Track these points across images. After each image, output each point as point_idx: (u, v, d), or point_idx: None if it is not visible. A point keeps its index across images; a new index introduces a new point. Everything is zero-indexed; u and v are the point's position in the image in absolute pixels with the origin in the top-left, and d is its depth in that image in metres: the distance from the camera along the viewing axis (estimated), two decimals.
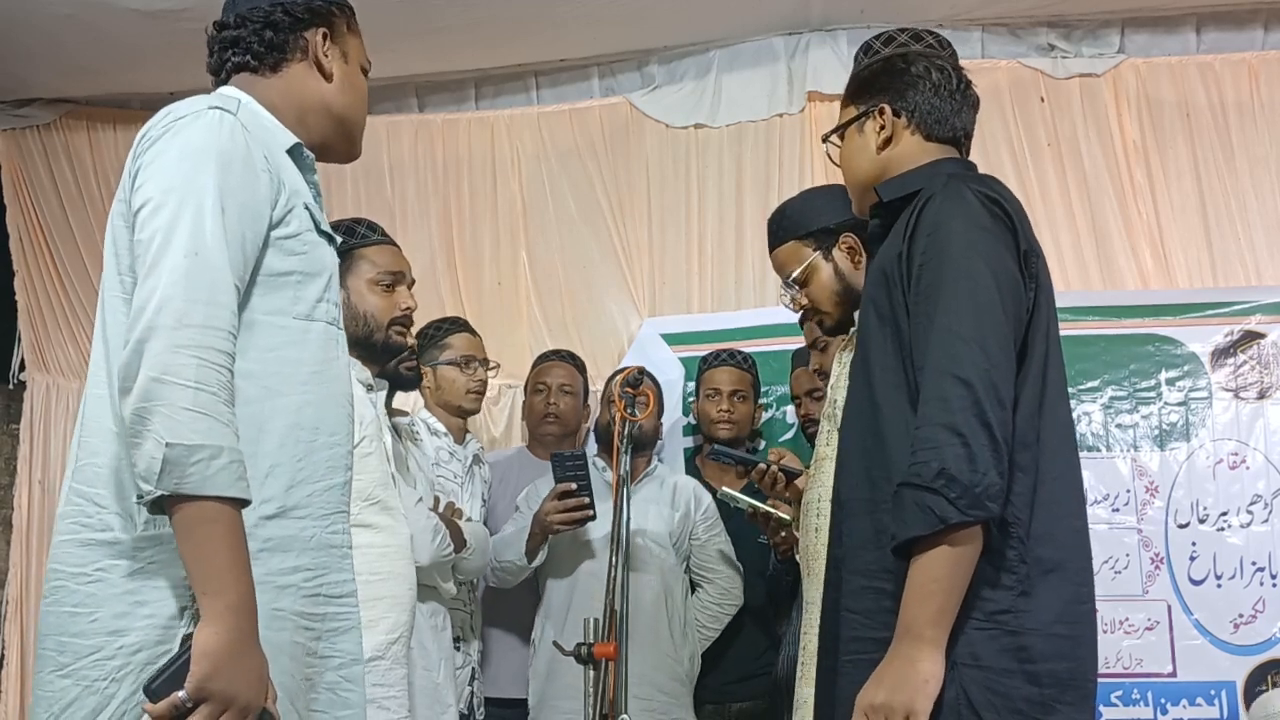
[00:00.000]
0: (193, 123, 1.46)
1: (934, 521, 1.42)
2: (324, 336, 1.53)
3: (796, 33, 3.96)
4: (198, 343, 1.33)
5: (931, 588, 1.44)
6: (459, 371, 3.11)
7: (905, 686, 1.43)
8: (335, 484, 1.53)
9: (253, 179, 1.46)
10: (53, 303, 4.21)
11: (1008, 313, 1.52)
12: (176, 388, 1.31)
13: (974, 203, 1.57)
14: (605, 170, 4.07)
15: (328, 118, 1.65)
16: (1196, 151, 3.77)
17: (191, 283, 1.35)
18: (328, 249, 1.58)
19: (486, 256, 4.10)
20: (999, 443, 1.44)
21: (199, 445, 1.30)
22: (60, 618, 1.40)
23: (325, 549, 1.50)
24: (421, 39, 3.72)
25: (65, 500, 1.45)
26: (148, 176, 1.43)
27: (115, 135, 4.21)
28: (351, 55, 1.69)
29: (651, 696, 2.91)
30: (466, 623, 2.96)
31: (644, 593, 2.97)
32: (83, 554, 1.40)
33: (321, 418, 1.51)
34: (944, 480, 1.42)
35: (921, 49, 1.84)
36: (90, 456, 1.44)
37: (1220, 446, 3.31)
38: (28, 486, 4.11)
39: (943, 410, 1.45)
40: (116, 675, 1.35)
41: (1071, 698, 1.50)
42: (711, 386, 3.35)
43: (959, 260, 1.53)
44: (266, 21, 1.62)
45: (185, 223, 1.38)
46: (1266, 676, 3.14)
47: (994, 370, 1.47)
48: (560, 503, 2.91)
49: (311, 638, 1.49)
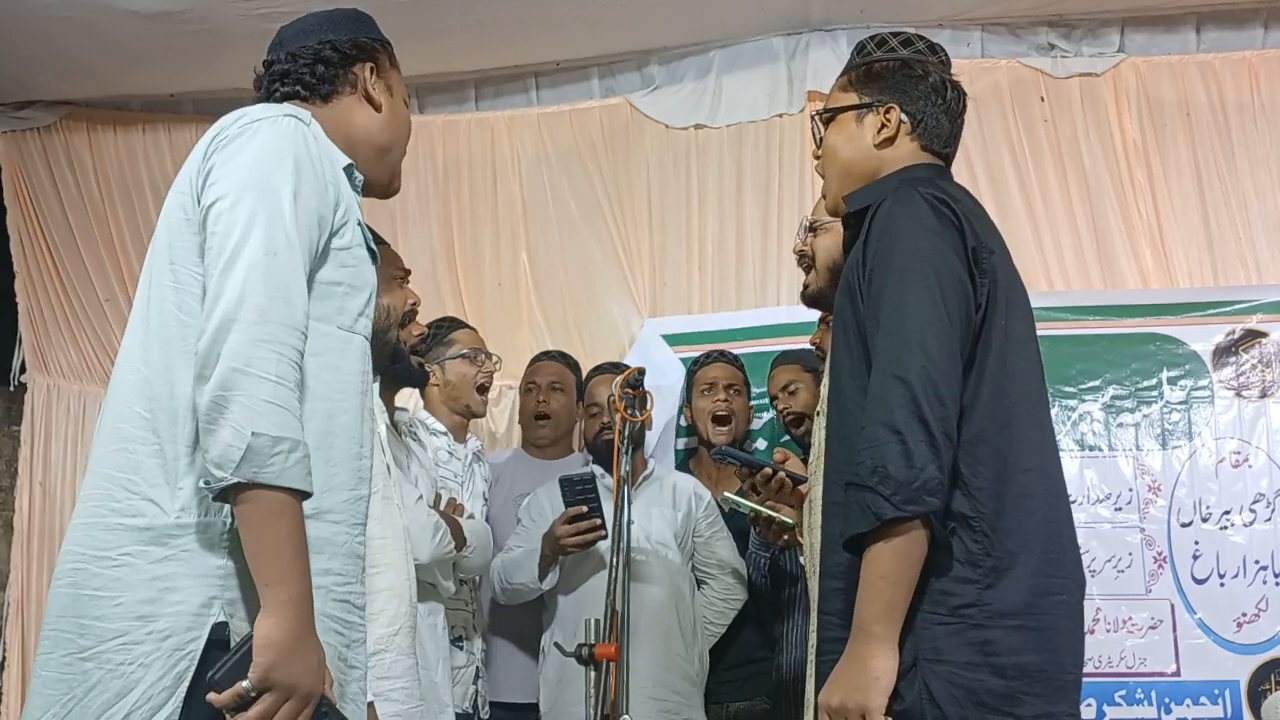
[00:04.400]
0: (270, 126, 1.49)
1: (871, 519, 1.46)
2: (361, 350, 1.57)
3: (796, 33, 3.97)
4: (277, 338, 1.36)
5: (878, 584, 1.48)
6: (469, 364, 3.11)
7: (859, 686, 1.46)
8: (361, 495, 1.55)
9: (321, 187, 1.50)
10: (53, 305, 4.21)
11: (951, 312, 1.54)
12: (257, 379, 1.33)
13: (920, 205, 1.60)
14: (605, 171, 4.07)
15: (374, 148, 1.70)
16: (1196, 151, 3.77)
17: (270, 280, 1.38)
18: (371, 266, 1.61)
19: (487, 258, 4.10)
20: (937, 438, 1.47)
21: (281, 437, 1.33)
22: (79, 600, 1.40)
23: (353, 558, 1.53)
24: (421, 40, 3.72)
25: (89, 484, 1.45)
26: (224, 173, 1.45)
27: (115, 137, 4.21)
28: (395, 89, 1.74)
29: (665, 697, 2.92)
30: (469, 621, 2.96)
31: (655, 595, 2.97)
32: (108, 538, 1.40)
33: (351, 428, 1.53)
34: (878, 478, 1.46)
35: (936, 61, 1.85)
36: (120, 442, 1.44)
37: (1223, 445, 3.31)
38: (28, 488, 4.10)
39: (882, 410, 1.49)
40: (144, 660, 1.35)
41: (1040, 689, 1.51)
42: (706, 382, 3.35)
43: (902, 263, 1.57)
44: (317, 57, 1.67)
45: (262, 221, 1.41)
46: (1270, 676, 3.14)
47: (933, 368, 1.49)
48: (572, 526, 2.91)
49: (343, 644, 1.51)
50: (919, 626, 1.50)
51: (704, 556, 3.16)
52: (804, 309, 2.55)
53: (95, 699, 1.36)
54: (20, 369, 4.23)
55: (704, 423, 3.34)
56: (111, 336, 4.11)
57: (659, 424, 3.52)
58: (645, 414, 2.68)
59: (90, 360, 4.18)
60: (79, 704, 1.37)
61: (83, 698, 1.37)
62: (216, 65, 3.82)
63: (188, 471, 1.40)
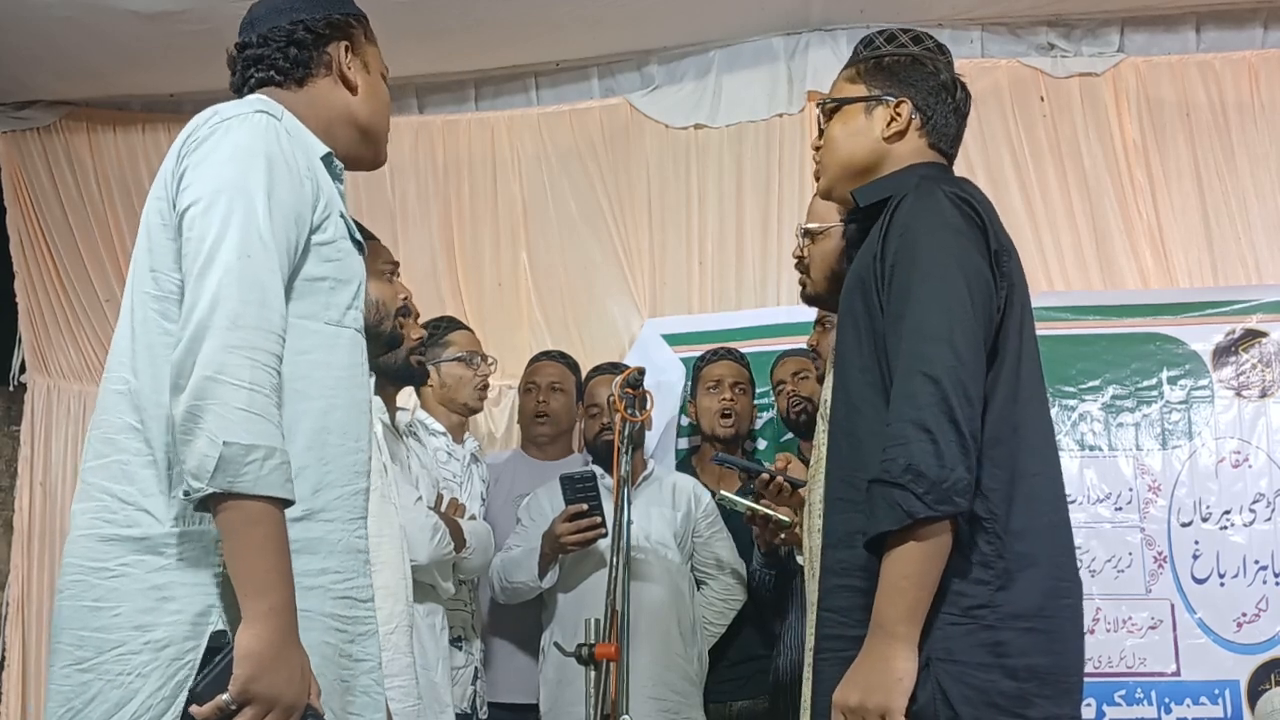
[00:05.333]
0: (240, 125, 1.47)
1: (902, 516, 1.44)
2: (352, 343, 1.55)
3: (796, 33, 3.96)
4: (251, 344, 1.35)
5: (902, 584, 1.46)
6: (465, 367, 3.11)
7: (880, 686, 1.45)
8: (359, 489, 1.54)
9: (297, 184, 1.48)
10: (53, 305, 4.21)
11: (977, 311, 1.54)
12: (230, 387, 1.32)
13: (945, 203, 1.59)
14: (605, 171, 4.07)
15: (354, 128, 1.67)
16: (1196, 151, 3.77)
17: (244, 284, 1.36)
18: (358, 257, 1.60)
19: (487, 258, 4.10)
20: (966, 438, 1.46)
21: (254, 445, 1.31)
22: (79, 612, 1.39)
23: (352, 553, 1.52)
24: (421, 40, 3.72)
25: (84, 496, 1.45)
26: (196, 176, 1.44)
27: (115, 137, 4.21)
28: (372, 64, 1.71)
29: (665, 697, 2.93)
30: (468, 622, 2.96)
31: (655, 596, 2.97)
32: (105, 549, 1.40)
33: (346, 423, 1.52)
34: (911, 476, 1.44)
35: (945, 61, 1.85)
36: (113, 452, 1.44)
37: (1223, 445, 3.31)
38: (29, 489, 4.10)
39: (911, 407, 1.48)
40: (142, 670, 1.35)
41: (1050, 691, 1.51)
42: (712, 380, 3.36)
43: (929, 260, 1.55)
44: (290, 39, 1.63)
45: (236, 223, 1.39)
46: (1270, 675, 3.14)
47: (962, 368, 1.49)
48: (573, 524, 2.91)
49: (345, 640, 1.50)
50: (933, 627, 1.49)
51: (703, 556, 3.16)
52: (804, 309, 2.55)
53: (94, 710, 1.35)
54: (20, 369, 4.23)
55: (709, 419, 3.34)
56: (111, 337, 4.11)
57: (659, 424, 3.52)
58: (645, 414, 2.68)
59: (90, 360, 4.18)
60: (78, 715, 1.37)
61: (82, 709, 1.36)
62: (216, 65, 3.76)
63: (180, 480, 1.39)
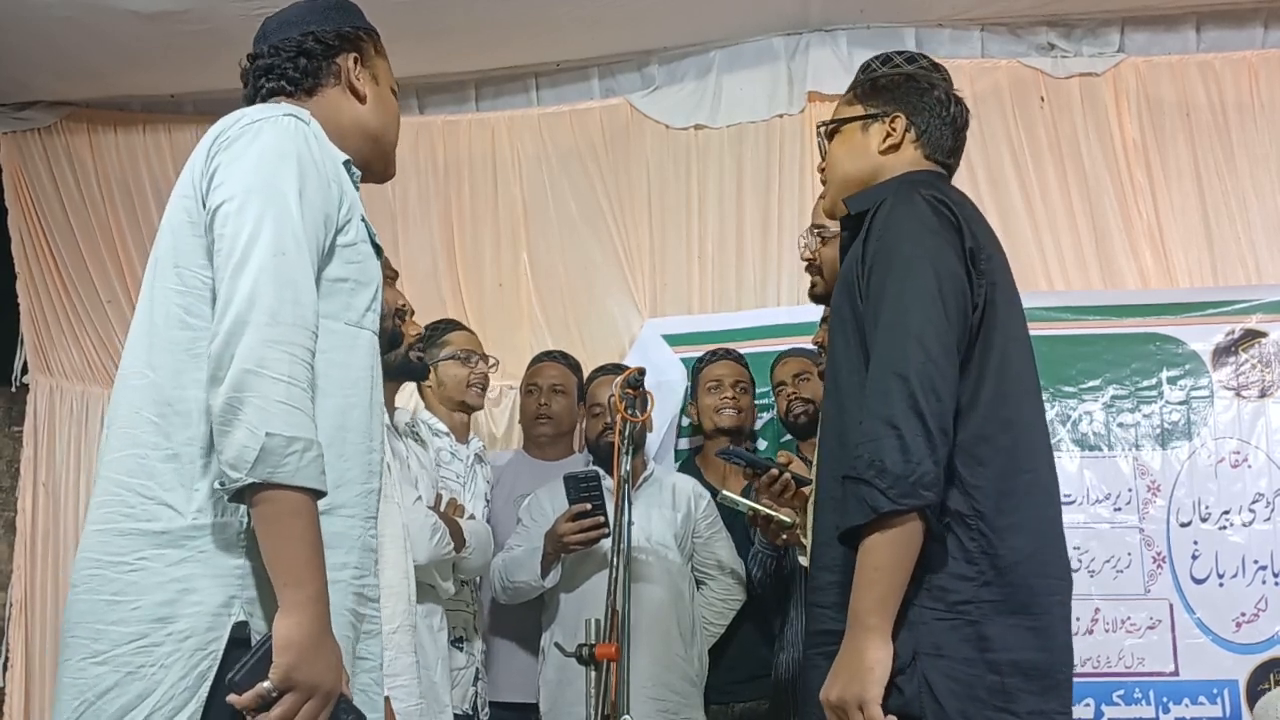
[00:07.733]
0: (271, 127, 1.49)
1: (867, 511, 1.49)
2: (369, 345, 1.58)
3: (796, 33, 3.97)
4: (289, 339, 1.37)
5: (873, 576, 1.50)
6: (460, 365, 3.13)
7: (855, 678, 1.49)
8: (372, 489, 1.56)
9: (324, 186, 1.51)
10: (55, 305, 4.22)
11: (950, 310, 1.57)
12: (270, 380, 1.34)
13: (921, 205, 1.64)
14: (606, 171, 4.07)
15: (364, 138, 1.70)
16: (1196, 151, 3.77)
17: (280, 281, 1.39)
18: (376, 261, 1.62)
19: (487, 258, 4.11)
20: (934, 433, 1.49)
21: (295, 437, 1.34)
22: (95, 605, 1.40)
23: (367, 551, 1.54)
24: (421, 40, 3.72)
25: (101, 490, 1.46)
26: (229, 175, 1.46)
27: (116, 138, 4.22)
28: (381, 78, 1.74)
29: (665, 697, 2.93)
30: (469, 622, 2.96)
31: (655, 596, 2.97)
32: (122, 543, 1.41)
33: (362, 422, 1.54)
34: (875, 471, 1.49)
35: (940, 78, 1.92)
36: (130, 446, 1.44)
37: (1222, 445, 3.32)
38: (31, 489, 4.11)
39: (881, 405, 1.52)
40: (165, 661, 1.36)
41: (1036, 687, 1.54)
42: (713, 379, 3.37)
43: (903, 260, 1.60)
44: (300, 50, 1.66)
45: (270, 222, 1.42)
46: (1269, 675, 3.14)
47: (932, 365, 1.52)
48: (576, 523, 2.92)
49: (354, 638, 1.51)
50: (919, 621, 1.52)
51: (703, 557, 3.16)
52: (804, 309, 2.56)
53: (112, 702, 1.36)
54: (22, 369, 4.23)
55: (710, 418, 3.35)
56: (113, 337, 4.12)
57: (660, 424, 3.52)
58: (646, 414, 2.68)
59: (92, 361, 4.19)
60: (90, 708, 1.37)
61: (95, 701, 1.37)
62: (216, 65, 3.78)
63: (203, 474, 1.41)
